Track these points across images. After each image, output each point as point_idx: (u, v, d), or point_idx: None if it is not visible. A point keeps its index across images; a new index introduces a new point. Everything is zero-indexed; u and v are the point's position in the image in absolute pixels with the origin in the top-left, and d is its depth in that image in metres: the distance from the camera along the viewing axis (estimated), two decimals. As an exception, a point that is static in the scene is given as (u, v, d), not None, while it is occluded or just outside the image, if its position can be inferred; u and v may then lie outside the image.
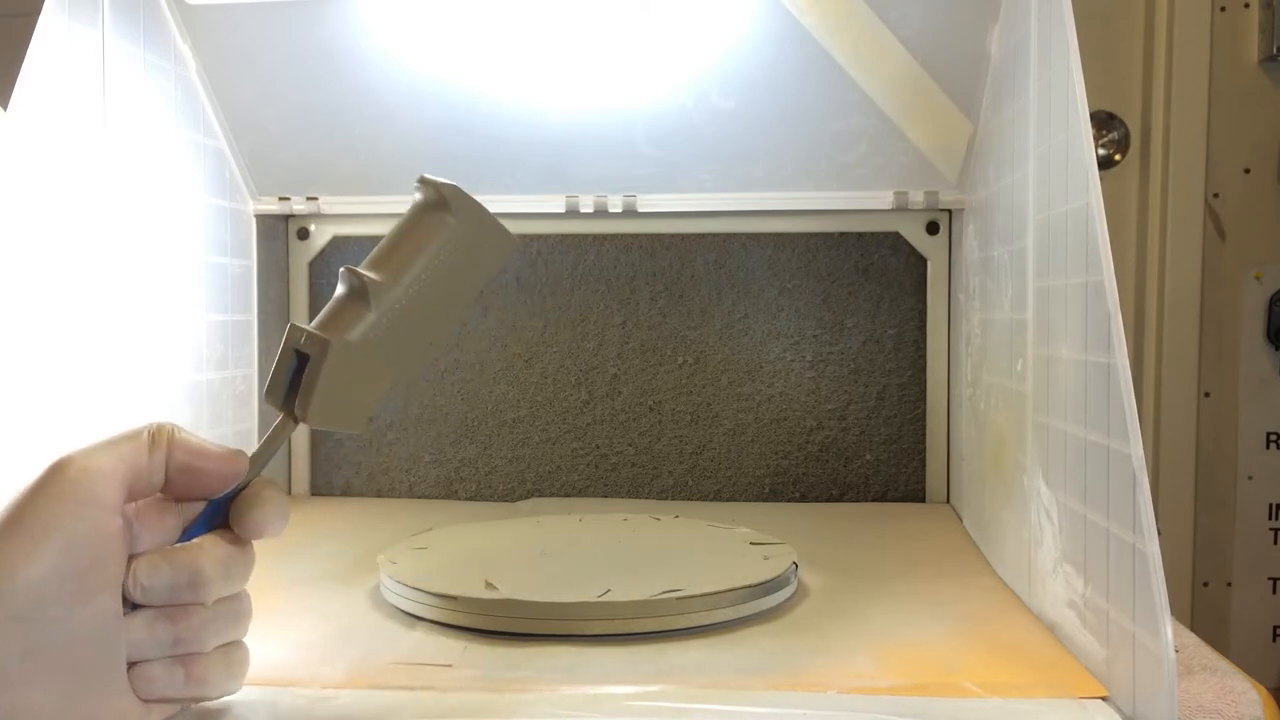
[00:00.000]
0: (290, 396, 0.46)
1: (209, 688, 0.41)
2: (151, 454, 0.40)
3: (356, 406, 0.46)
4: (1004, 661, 0.50)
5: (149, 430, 0.41)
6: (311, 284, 0.96)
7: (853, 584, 0.65)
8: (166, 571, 0.40)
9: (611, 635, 0.54)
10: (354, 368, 0.45)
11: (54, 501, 0.37)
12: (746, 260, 0.93)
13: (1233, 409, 1.16)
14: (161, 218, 0.75)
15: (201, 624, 0.41)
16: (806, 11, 0.76)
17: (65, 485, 0.38)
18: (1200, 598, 1.17)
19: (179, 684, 0.40)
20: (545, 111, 0.83)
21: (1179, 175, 1.14)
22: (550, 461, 0.95)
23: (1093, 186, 0.49)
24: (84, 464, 0.38)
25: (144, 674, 0.39)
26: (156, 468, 0.41)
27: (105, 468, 0.39)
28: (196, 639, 0.41)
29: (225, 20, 0.78)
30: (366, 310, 0.45)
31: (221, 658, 0.42)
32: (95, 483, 0.38)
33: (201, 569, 0.41)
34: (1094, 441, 0.48)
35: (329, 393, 0.45)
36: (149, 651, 0.40)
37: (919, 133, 0.81)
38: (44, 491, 0.38)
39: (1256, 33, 1.13)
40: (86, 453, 0.39)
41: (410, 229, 0.47)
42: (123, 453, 0.40)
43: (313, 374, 0.44)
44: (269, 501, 0.43)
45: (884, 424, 0.93)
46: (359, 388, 0.46)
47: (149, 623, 0.40)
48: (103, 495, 0.38)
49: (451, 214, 0.47)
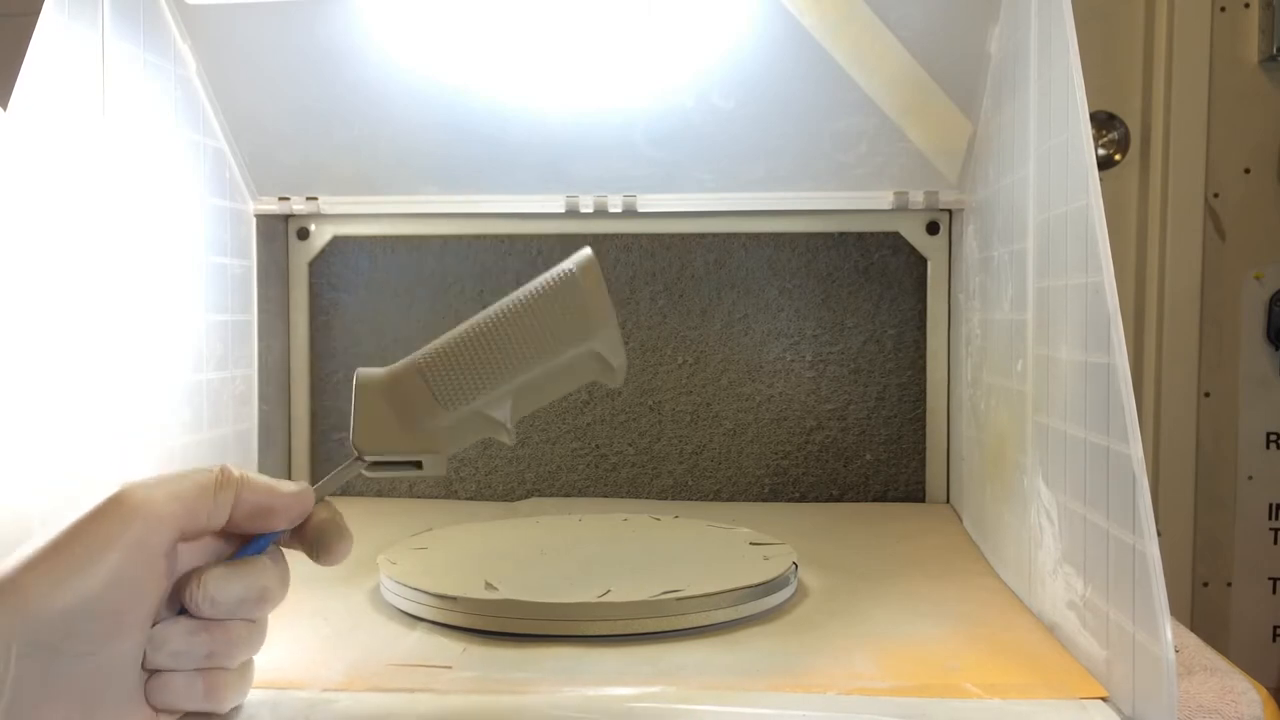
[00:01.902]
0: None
1: (222, 703, 0.41)
2: (217, 497, 0.40)
3: (412, 436, 0.47)
4: (1004, 662, 0.50)
5: (217, 475, 0.40)
6: (311, 284, 0.96)
7: (853, 584, 0.65)
8: (238, 587, 0.40)
9: (611, 636, 0.54)
10: (396, 395, 0.46)
11: (103, 538, 0.37)
12: (746, 260, 0.93)
13: (1233, 409, 1.16)
14: (161, 218, 0.75)
15: (238, 639, 0.40)
16: (806, 12, 0.76)
17: (117, 523, 0.37)
18: (1200, 598, 1.17)
19: (196, 697, 0.40)
20: (545, 111, 0.83)
21: (1179, 175, 1.14)
22: (550, 461, 0.95)
23: (1093, 187, 0.49)
24: (141, 503, 0.38)
25: (165, 684, 0.39)
26: (220, 510, 0.40)
27: (162, 511, 0.38)
28: (226, 653, 0.40)
29: (225, 20, 0.78)
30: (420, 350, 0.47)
31: (239, 673, 0.42)
32: (149, 525, 0.38)
33: (269, 586, 0.41)
34: (1094, 442, 0.48)
35: (370, 419, 0.46)
36: (178, 663, 0.39)
37: (919, 133, 0.81)
38: (96, 524, 0.37)
39: (1256, 33, 1.13)
40: (148, 490, 0.38)
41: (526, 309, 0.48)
42: (184, 496, 0.39)
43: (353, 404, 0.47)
44: (341, 530, 0.44)
45: (884, 424, 0.93)
46: (407, 414, 0.47)
47: (188, 634, 0.39)
48: (153, 539, 0.38)
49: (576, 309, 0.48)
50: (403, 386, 0.47)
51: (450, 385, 0.47)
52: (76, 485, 0.66)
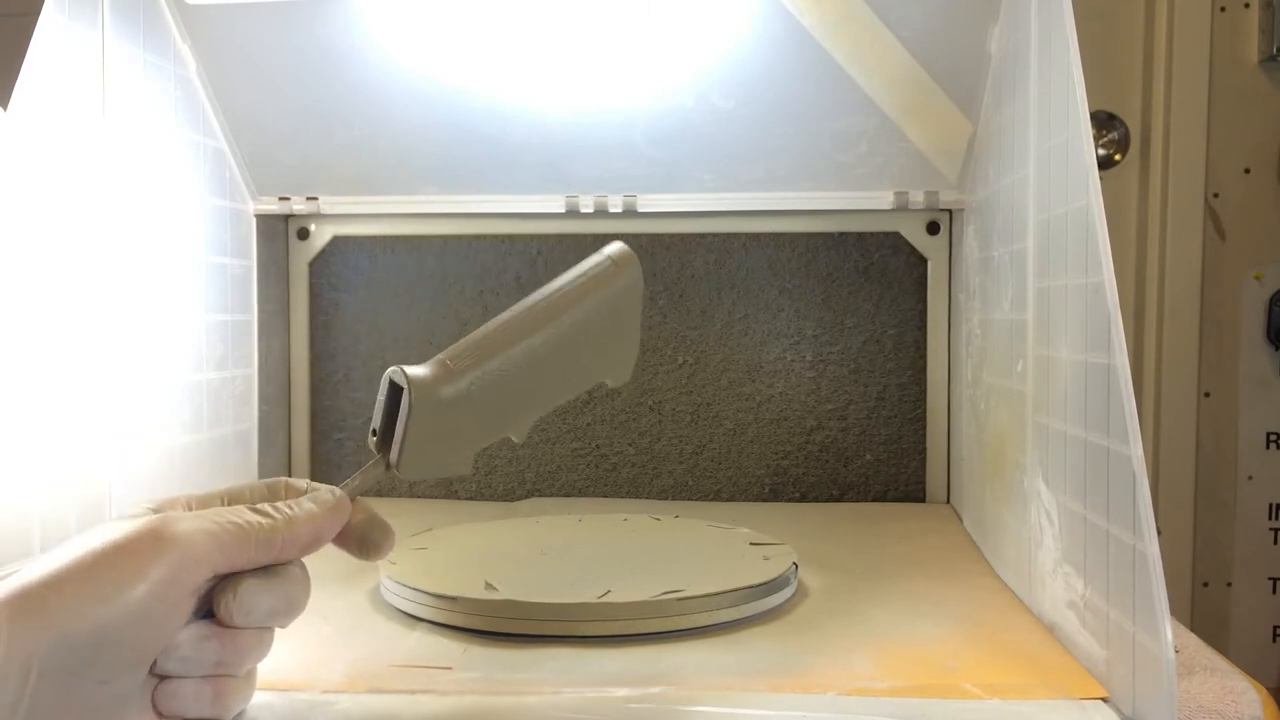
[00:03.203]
0: (386, 441, 0.46)
1: (228, 710, 0.41)
2: (258, 547, 0.39)
3: (453, 455, 0.46)
4: (1004, 662, 0.50)
5: (260, 527, 0.39)
6: (311, 284, 0.96)
7: (853, 584, 0.65)
8: (270, 598, 0.40)
9: (611, 636, 0.54)
10: (447, 421, 0.45)
11: (134, 571, 0.36)
12: (746, 260, 0.93)
13: (1233, 409, 1.16)
14: (161, 218, 0.75)
15: (248, 648, 0.40)
16: (806, 12, 0.76)
17: (151, 557, 0.36)
18: (1200, 598, 1.17)
19: (204, 704, 0.39)
20: (545, 111, 0.83)
21: (1179, 175, 1.14)
22: (550, 461, 0.95)
23: (1093, 187, 0.49)
24: (178, 540, 0.37)
25: (173, 691, 0.39)
26: (259, 557, 0.40)
27: (199, 553, 0.37)
28: (235, 661, 0.40)
29: (225, 20, 0.78)
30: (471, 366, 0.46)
31: (244, 680, 0.41)
32: (184, 565, 0.37)
33: (298, 595, 0.41)
34: (1094, 442, 0.48)
35: (419, 444, 0.45)
36: (187, 669, 0.39)
37: (919, 133, 0.81)
38: (130, 554, 0.36)
39: (1256, 33, 1.13)
40: (187, 527, 0.38)
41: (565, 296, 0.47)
42: (223, 540, 0.38)
43: (403, 426, 0.45)
44: (387, 527, 0.45)
45: (884, 424, 0.93)
46: (454, 438, 0.46)
47: (199, 641, 0.39)
48: (185, 579, 0.37)
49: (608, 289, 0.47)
50: (457, 412, 0.46)
51: (506, 413, 0.47)
52: (76, 485, 0.66)
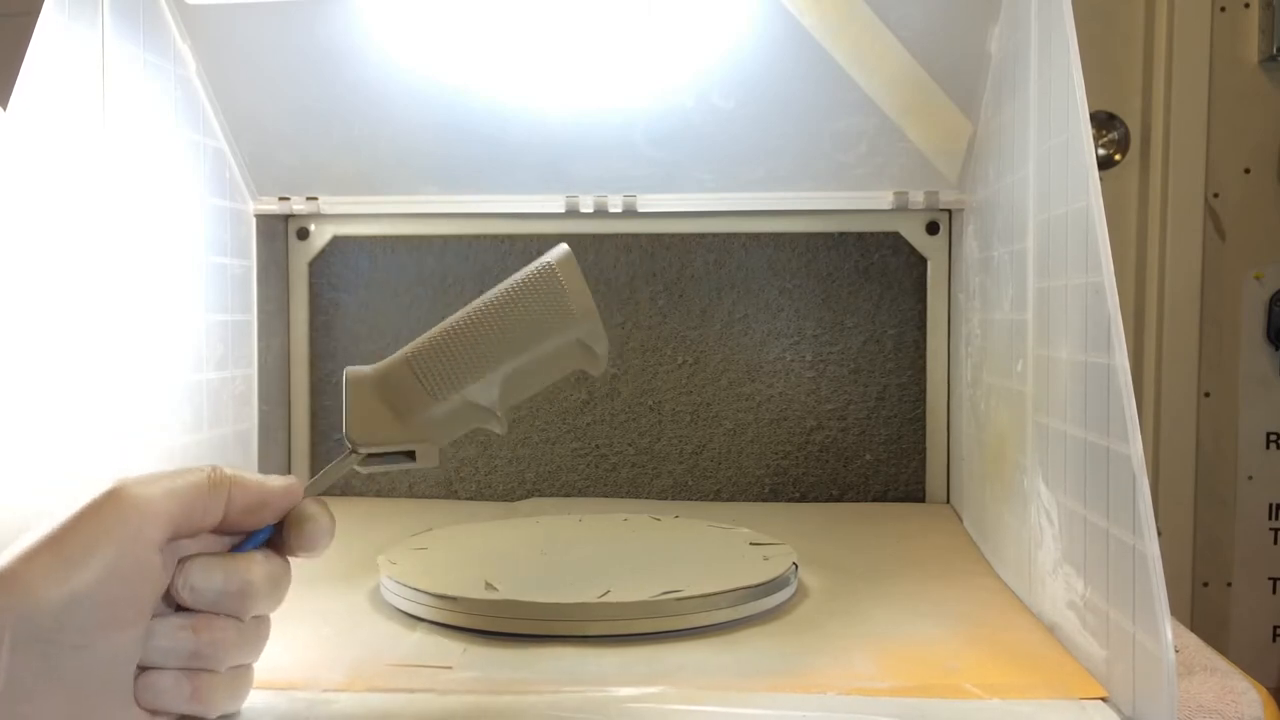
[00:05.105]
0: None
1: (211, 708, 0.41)
2: (210, 495, 0.40)
3: (407, 426, 0.48)
4: (1004, 662, 0.50)
5: (209, 476, 0.41)
6: (311, 284, 0.96)
7: (853, 584, 0.65)
8: (219, 577, 0.40)
9: (611, 636, 0.54)
10: (390, 385, 0.48)
11: (98, 531, 0.37)
12: (746, 260, 0.93)
13: (1233, 409, 1.16)
14: (161, 218, 0.75)
15: (224, 641, 0.40)
16: (806, 12, 0.76)
17: (113, 517, 0.38)
18: (1200, 598, 1.17)
19: (183, 699, 0.40)
20: (545, 111, 0.83)
21: (1179, 175, 1.14)
22: (550, 461, 0.95)
23: (1093, 187, 0.49)
24: (136, 498, 0.38)
25: (152, 683, 0.39)
26: (214, 508, 0.41)
27: (157, 507, 0.39)
28: (214, 656, 0.40)
29: (225, 20, 0.78)
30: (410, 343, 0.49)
31: (230, 679, 0.41)
32: (144, 520, 0.38)
33: (252, 581, 0.41)
34: (1094, 442, 0.48)
35: (362, 415, 0.47)
36: (164, 659, 0.39)
37: (919, 133, 0.81)
38: (92, 518, 0.38)
39: (1256, 33, 1.13)
40: (143, 486, 0.39)
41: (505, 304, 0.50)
42: (178, 492, 0.39)
43: (345, 398, 0.48)
44: (317, 518, 0.43)
45: (884, 424, 0.93)
46: (402, 406, 0.48)
47: (173, 631, 0.39)
48: (148, 533, 0.38)
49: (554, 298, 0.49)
50: (392, 379, 0.48)
51: (437, 375, 0.48)
52: (76, 485, 0.65)
